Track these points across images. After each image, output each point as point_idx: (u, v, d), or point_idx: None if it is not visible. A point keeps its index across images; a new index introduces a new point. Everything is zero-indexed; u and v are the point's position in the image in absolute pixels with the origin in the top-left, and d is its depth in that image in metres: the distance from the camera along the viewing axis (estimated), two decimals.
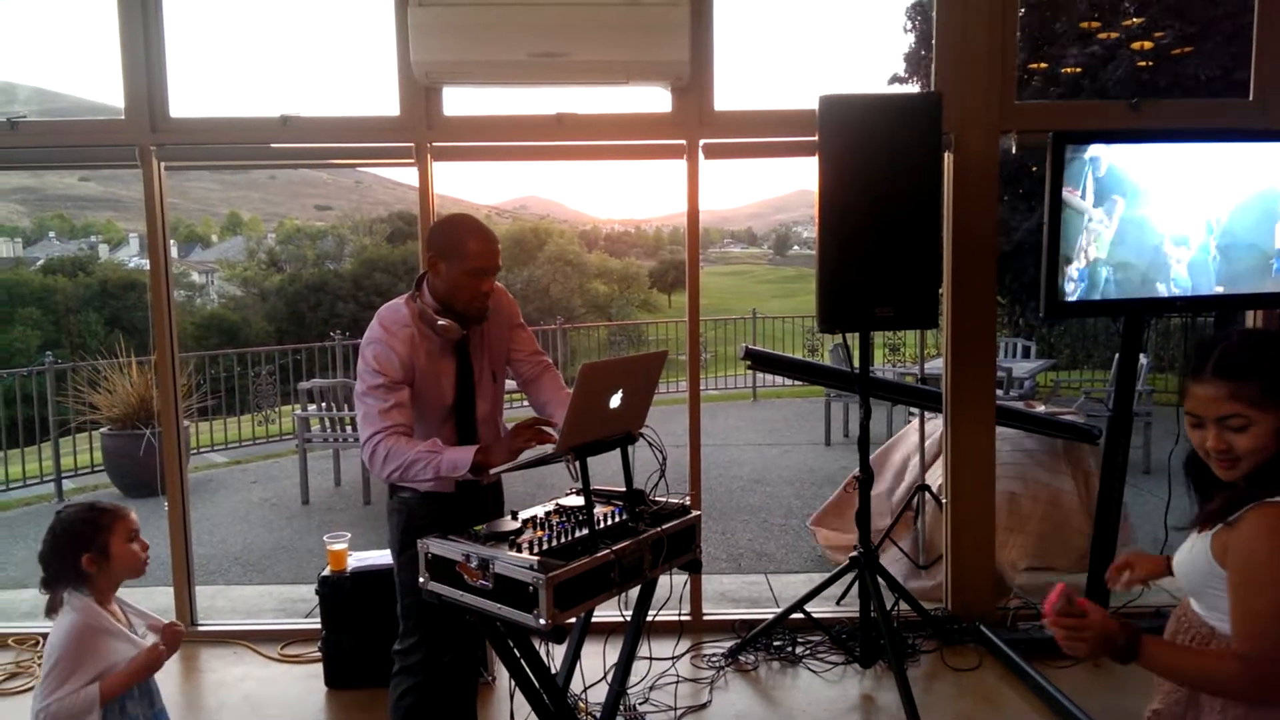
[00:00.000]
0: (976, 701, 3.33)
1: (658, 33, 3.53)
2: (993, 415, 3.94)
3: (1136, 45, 9.39)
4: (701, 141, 3.77)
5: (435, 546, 2.18)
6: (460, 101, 3.83)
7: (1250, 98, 3.83)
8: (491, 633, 2.21)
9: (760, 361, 4.73)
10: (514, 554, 2.06)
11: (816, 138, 3.31)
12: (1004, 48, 3.76)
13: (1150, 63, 9.38)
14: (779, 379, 11.09)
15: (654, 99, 3.84)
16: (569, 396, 2.26)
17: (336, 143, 3.92)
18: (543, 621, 1.96)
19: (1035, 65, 10.23)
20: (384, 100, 3.82)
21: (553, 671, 2.41)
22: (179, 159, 3.87)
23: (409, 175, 3.84)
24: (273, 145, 3.85)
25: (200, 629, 4.01)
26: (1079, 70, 9.81)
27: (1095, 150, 3.24)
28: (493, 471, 2.33)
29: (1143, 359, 7.15)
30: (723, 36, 3.81)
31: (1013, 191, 9.58)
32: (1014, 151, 3.78)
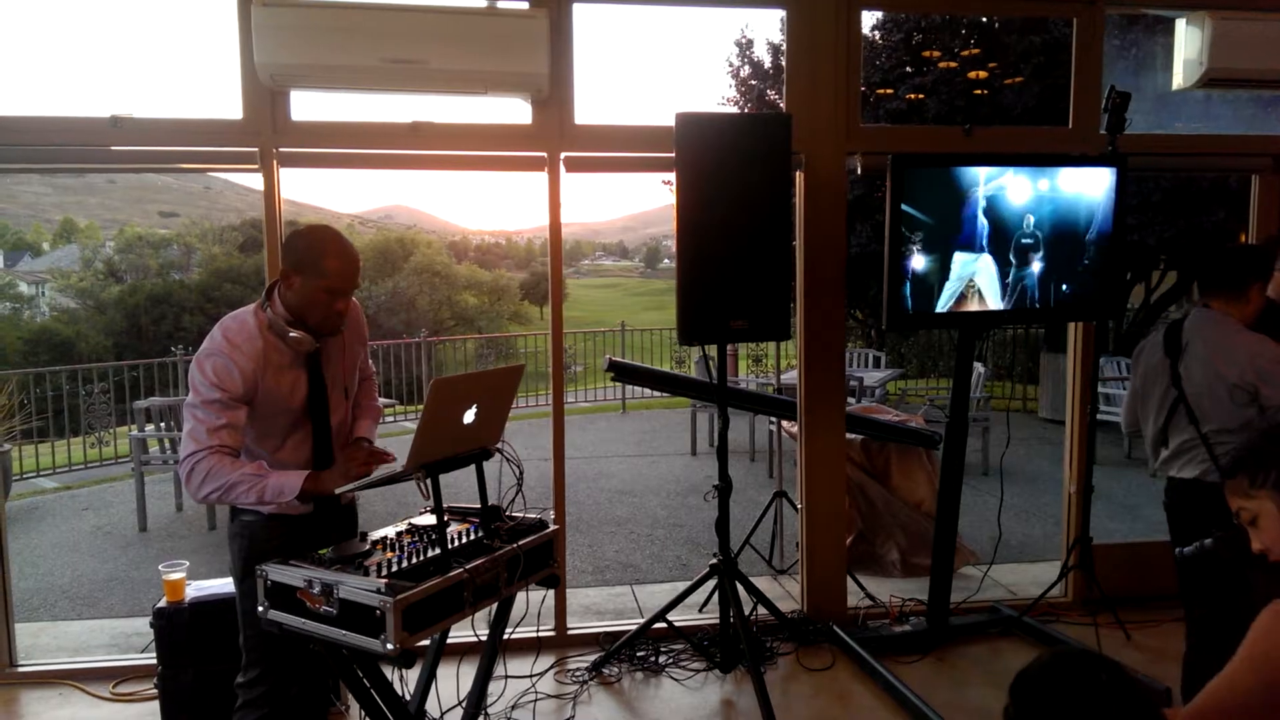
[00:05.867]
0: (830, 700, 3.44)
1: (516, 44, 3.52)
2: (843, 423, 4.11)
3: (972, 75, 10.09)
4: (562, 155, 3.77)
5: (275, 573, 2.08)
6: (317, 106, 3.71)
7: (1070, 125, 4.16)
8: (337, 661, 2.13)
9: (624, 373, 4.77)
10: (359, 578, 1.99)
11: (674, 154, 3.37)
12: (849, 73, 3.95)
13: (984, 91, 10.09)
14: (648, 390, 11.21)
15: (515, 111, 3.82)
16: (378, 409, 2.34)
17: (174, 146, 3.69)
18: (390, 646, 1.90)
19: (883, 90, 10.81)
20: (231, 104, 3.64)
21: (406, 697, 2.34)
22: None
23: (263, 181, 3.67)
24: (104, 148, 3.60)
25: (20, 670, 3.67)
26: (920, 96, 10.45)
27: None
28: (337, 490, 2.24)
29: (981, 368, 7.63)
30: (585, 53, 3.84)
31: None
32: (859, 172, 3.96)
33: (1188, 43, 4.02)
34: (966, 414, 3.78)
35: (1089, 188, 3.60)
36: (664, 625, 3.77)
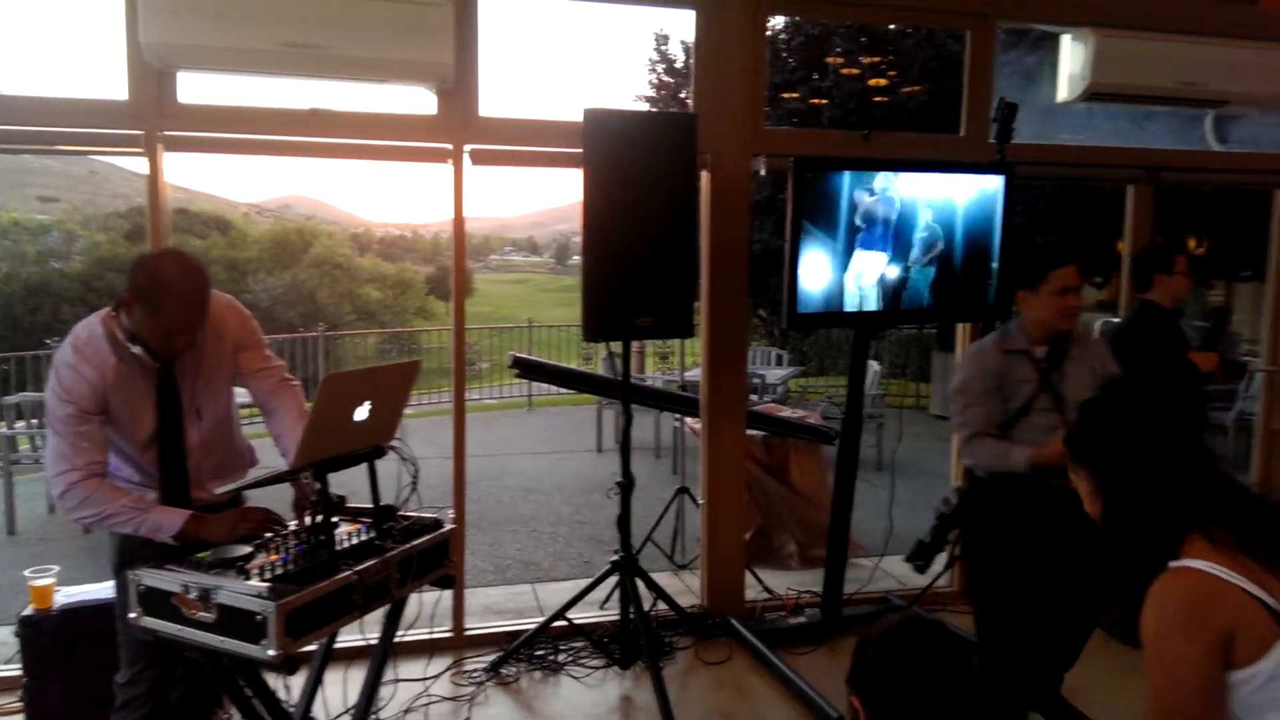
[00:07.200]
0: (728, 693, 3.49)
1: (420, 32, 3.44)
2: (744, 419, 4.17)
3: (873, 82, 10.43)
4: (467, 147, 3.71)
5: (149, 578, 1.97)
6: (212, 88, 3.56)
7: (962, 133, 4.32)
8: (217, 668, 2.04)
9: (528, 370, 4.75)
10: (240, 582, 1.91)
11: (582, 150, 3.36)
12: (755, 76, 4.00)
13: (886, 98, 10.44)
14: (556, 387, 11.15)
15: (421, 101, 3.74)
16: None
17: (52, 126, 3.47)
18: (271, 653, 1.83)
19: (789, 95, 11.04)
20: (117, 83, 3.46)
21: (291, 705, 2.26)
22: None
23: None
24: None
25: None
26: (824, 101, 10.74)
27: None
28: (219, 491, 2.16)
29: (876, 366, 7.87)
30: (492, 45, 3.78)
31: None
32: (763, 173, 4.02)
33: (1072, 58, 4.22)
34: (860, 410, 3.89)
35: (979, 194, 3.74)
36: (564, 623, 3.75)
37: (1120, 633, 3.82)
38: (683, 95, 12.33)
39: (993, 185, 3.75)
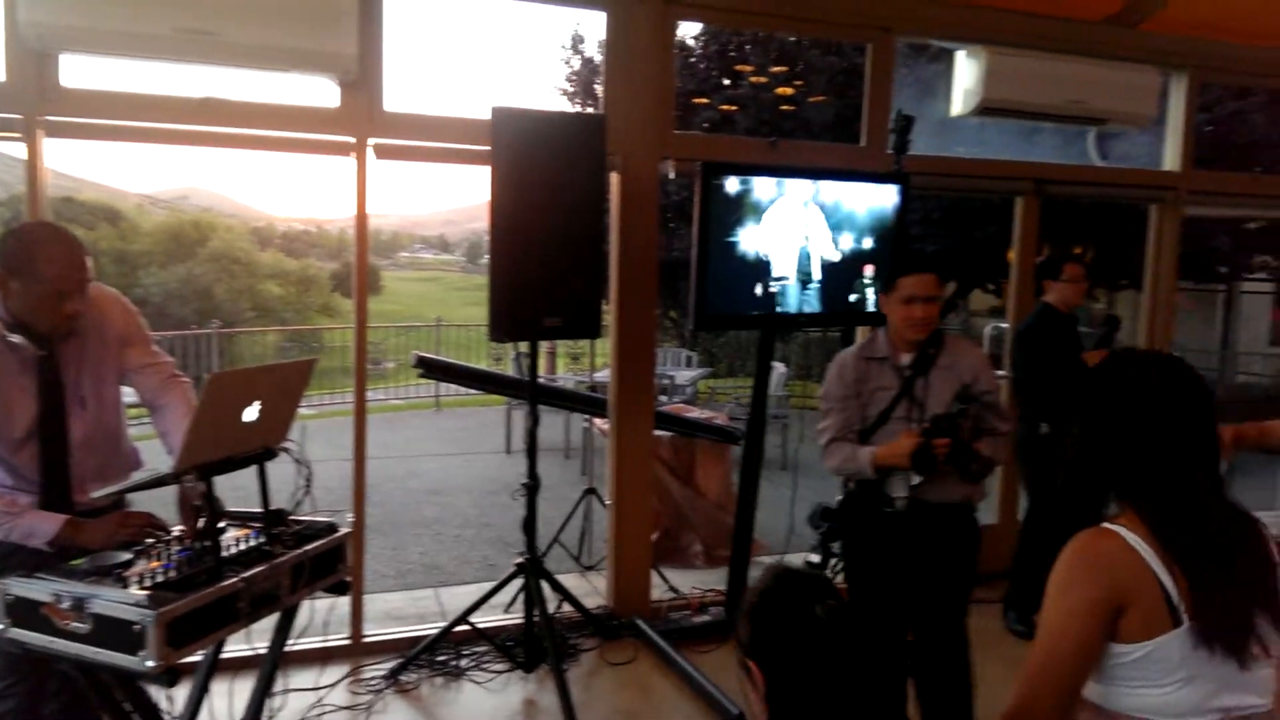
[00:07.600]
0: (633, 693, 3.51)
1: (322, 22, 3.36)
2: (651, 420, 4.20)
3: (780, 90, 10.65)
4: (371, 141, 3.62)
5: (16, 587, 1.86)
6: (103, 72, 3.39)
7: (863, 144, 4.44)
8: (93, 681, 1.94)
9: (432, 370, 4.68)
10: (117, 590, 1.82)
11: (489, 148, 3.32)
12: (664, 80, 4.03)
13: (793, 107, 10.68)
14: (463, 388, 11.00)
15: (325, 92, 3.64)
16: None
17: None
18: (151, 664, 1.74)
19: (699, 100, 11.18)
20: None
21: (174, 717, 2.17)
22: None
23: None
24: None
25: None
26: (736, 108, 10.92)
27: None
28: (97, 494, 2.06)
29: (783, 367, 8.03)
30: (399, 37, 3.70)
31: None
32: (671, 176, 4.06)
33: (966, 73, 4.39)
34: (765, 411, 3.97)
35: (877, 202, 3.85)
36: (467, 627, 3.70)
37: (1013, 616, 4.00)
38: (597, 88, 12.35)
39: (891, 194, 3.87)
